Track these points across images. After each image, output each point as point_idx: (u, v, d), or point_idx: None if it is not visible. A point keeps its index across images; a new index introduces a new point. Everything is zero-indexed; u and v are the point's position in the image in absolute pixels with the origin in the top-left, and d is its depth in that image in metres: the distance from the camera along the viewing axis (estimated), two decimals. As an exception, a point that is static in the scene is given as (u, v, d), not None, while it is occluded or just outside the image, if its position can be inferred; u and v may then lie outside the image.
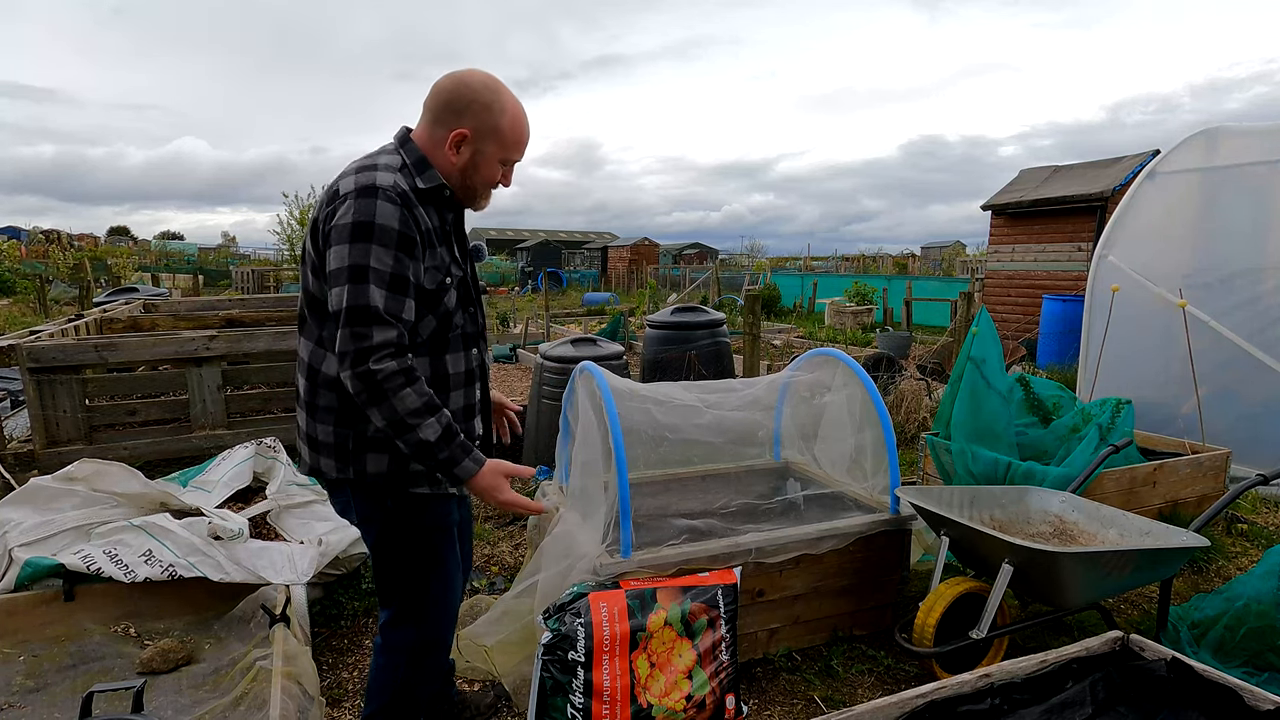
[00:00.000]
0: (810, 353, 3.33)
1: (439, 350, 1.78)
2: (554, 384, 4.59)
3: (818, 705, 2.48)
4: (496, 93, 1.72)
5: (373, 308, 1.56)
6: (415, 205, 1.66)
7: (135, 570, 2.39)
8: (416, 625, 1.89)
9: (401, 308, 1.61)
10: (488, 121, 1.72)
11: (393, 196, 1.61)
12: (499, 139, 1.74)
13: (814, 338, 13.03)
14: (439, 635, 1.95)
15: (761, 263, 37.83)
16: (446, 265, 1.74)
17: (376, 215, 1.58)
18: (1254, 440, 4.52)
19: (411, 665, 1.91)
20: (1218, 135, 5.19)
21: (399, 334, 1.59)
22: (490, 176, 1.79)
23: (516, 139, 1.77)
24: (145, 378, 3.86)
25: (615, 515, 2.41)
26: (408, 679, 1.91)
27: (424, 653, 1.92)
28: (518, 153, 1.80)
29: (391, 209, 1.60)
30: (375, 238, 1.57)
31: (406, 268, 1.61)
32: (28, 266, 22.33)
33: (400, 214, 1.60)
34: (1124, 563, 2.43)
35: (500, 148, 1.75)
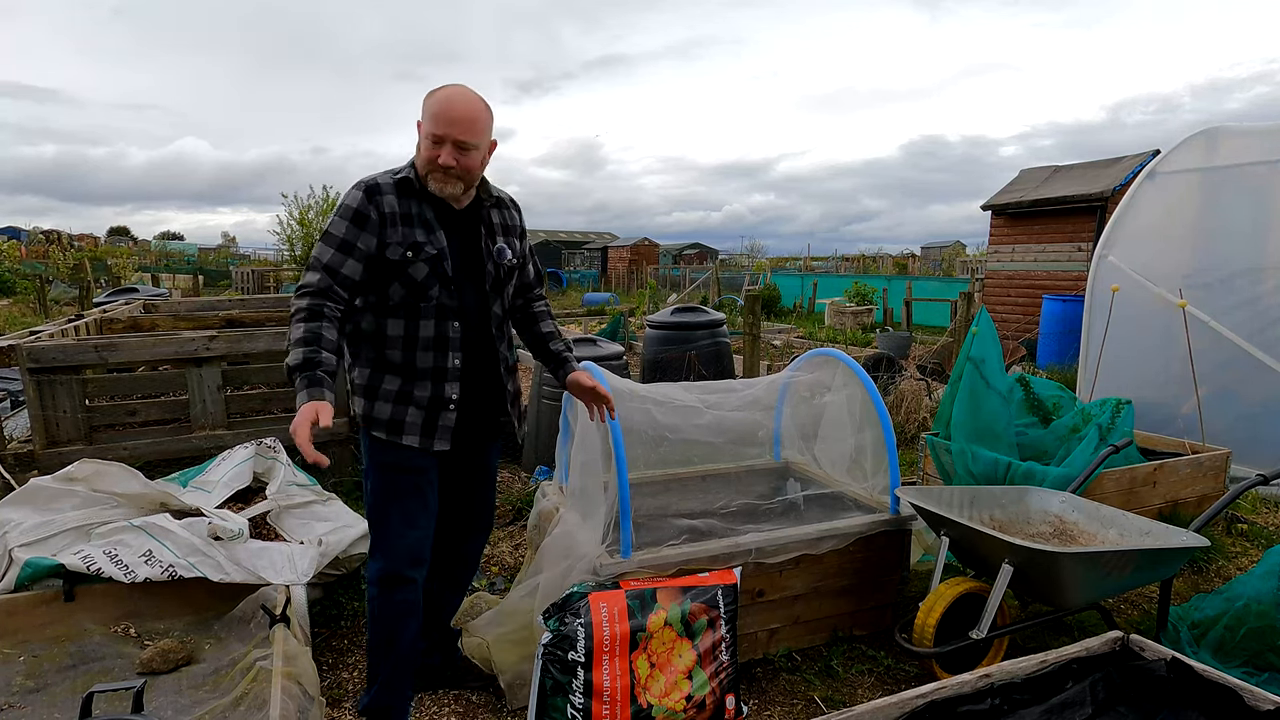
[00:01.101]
0: (810, 353, 3.33)
1: (412, 315, 2.08)
2: (554, 384, 4.59)
3: (818, 705, 2.48)
4: (440, 86, 2.04)
5: (315, 258, 2.02)
6: (383, 193, 2.04)
7: (135, 570, 2.39)
8: (381, 556, 2.15)
9: (340, 264, 1.99)
10: (423, 105, 2.03)
11: (361, 185, 2.05)
12: (426, 115, 2.01)
13: (814, 338, 13.03)
14: (398, 569, 2.13)
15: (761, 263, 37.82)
16: (414, 243, 2.04)
17: (345, 197, 2.06)
18: (1254, 440, 4.52)
19: (379, 597, 2.14)
20: (1218, 135, 5.19)
21: (322, 279, 1.97)
22: (427, 155, 2.02)
23: (434, 111, 1.99)
24: (145, 378, 3.85)
25: (615, 515, 2.41)
26: (378, 612, 2.15)
27: (388, 585, 2.13)
28: (437, 126, 1.98)
29: (356, 193, 2.04)
30: (339, 211, 2.04)
31: (355, 237, 2.00)
32: (28, 267, 22.33)
33: (361, 198, 2.02)
34: (1124, 563, 2.43)
35: (427, 123, 2.00)
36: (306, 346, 1.90)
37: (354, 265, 2.01)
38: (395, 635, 2.15)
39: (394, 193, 2.05)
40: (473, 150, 2.03)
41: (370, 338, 2.12)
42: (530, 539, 3.16)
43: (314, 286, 1.98)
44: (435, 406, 2.12)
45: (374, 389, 2.12)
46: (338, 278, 2.00)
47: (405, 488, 2.14)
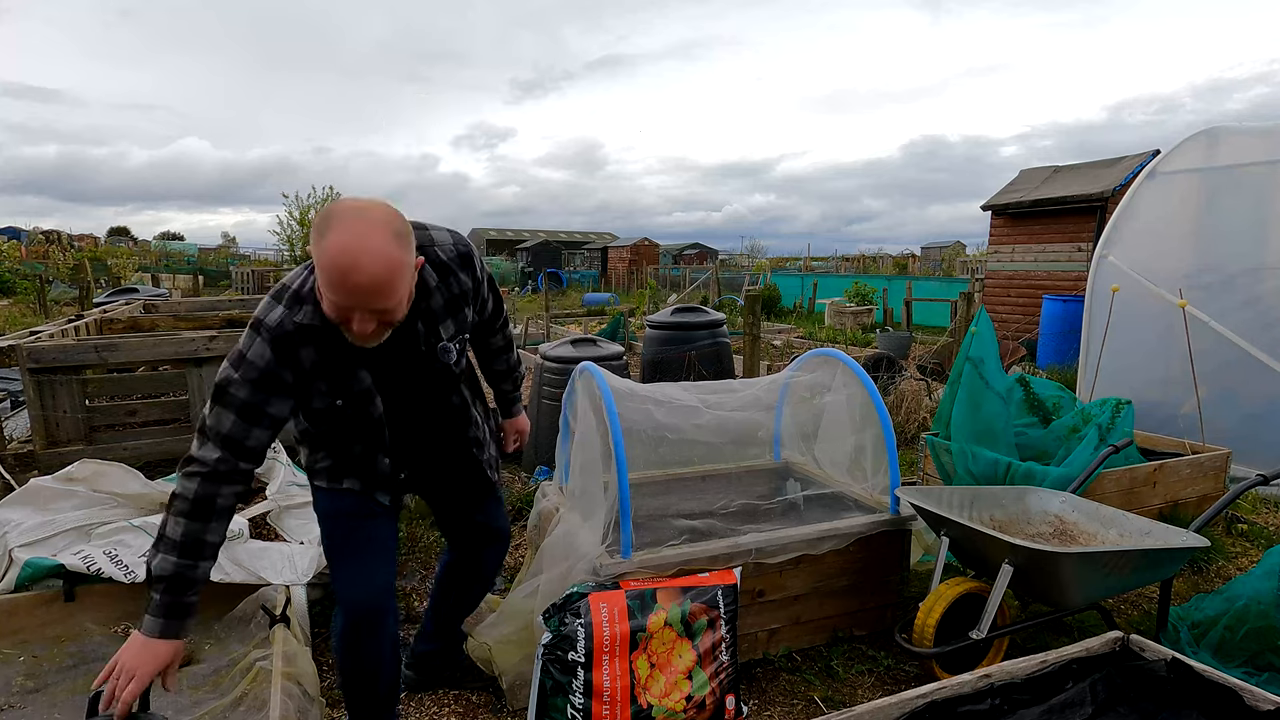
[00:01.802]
0: (810, 353, 3.33)
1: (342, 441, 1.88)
2: (554, 384, 4.59)
3: (818, 705, 2.48)
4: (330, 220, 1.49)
5: (208, 425, 1.63)
6: (299, 345, 1.64)
7: (135, 571, 2.39)
8: (344, 612, 1.92)
9: (245, 436, 1.63)
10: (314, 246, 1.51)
11: (268, 334, 1.63)
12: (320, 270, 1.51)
13: (814, 338, 13.03)
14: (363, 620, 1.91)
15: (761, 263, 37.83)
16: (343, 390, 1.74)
17: (250, 353, 1.63)
18: (1254, 440, 4.52)
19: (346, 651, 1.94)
20: (1218, 135, 5.19)
21: (222, 458, 1.61)
22: (330, 313, 1.55)
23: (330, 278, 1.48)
24: (145, 378, 3.85)
25: (615, 516, 2.41)
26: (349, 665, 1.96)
27: (355, 638, 1.92)
28: (339, 295, 1.49)
29: (262, 349, 1.63)
30: (240, 370, 1.63)
31: (265, 402, 1.64)
32: (28, 267, 22.33)
33: (270, 357, 1.63)
34: (1124, 563, 2.43)
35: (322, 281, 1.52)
36: (181, 557, 1.57)
37: (261, 434, 1.66)
38: (372, 682, 1.99)
39: (311, 342, 1.66)
40: (393, 310, 1.57)
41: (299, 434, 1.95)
42: (530, 539, 3.16)
43: (209, 467, 1.59)
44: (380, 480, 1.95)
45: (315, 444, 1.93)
46: (240, 451, 1.63)
47: (358, 539, 1.93)
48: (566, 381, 2.94)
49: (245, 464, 1.66)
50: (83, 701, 1.59)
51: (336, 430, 1.87)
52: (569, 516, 2.67)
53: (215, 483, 1.61)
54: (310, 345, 1.66)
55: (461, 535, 2.33)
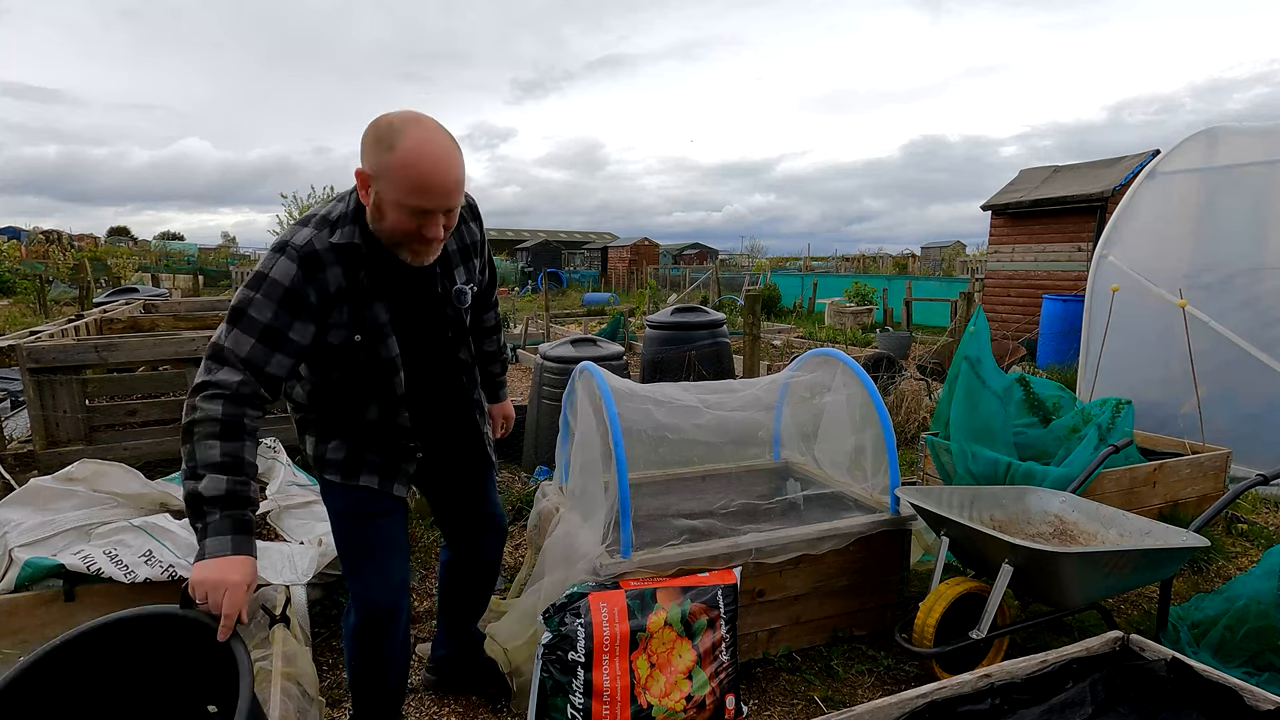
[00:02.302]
0: (810, 353, 3.33)
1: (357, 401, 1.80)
2: (554, 384, 4.60)
3: (818, 705, 2.48)
4: (397, 129, 1.53)
5: (226, 349, 1.55)
6: (325, 266, 1.61)
7: (135, 571, 2.39)
8: (357, 611, 1.90)
9: (265, 361, 1.57)
10: (380, 159, 1.54)
11: (294, 253, 1.59)
12: (396, 181, 1.54)
13: (814, 338, 13.03)
14: (377, 620, 1.89)
15: (761, 263, 37.83)
16: (362, 325, 1.69)
17: (270, 265, 1.59)
18: (1254, 440, 4.52)
19: (358, 651, 1.94)
20: (1218, 135, 5.20)
21: (244, 380, 1.54)
22: (398, 224, 1.59)
23: (414, 181, 1.53)
24: (145, 378, 3.86)
25: (615, 515, 2.41)
26: (360, 663, 1.96)
27: (367, 637, 1.91)
28: (423, 199, 1.55)
29: (287, 265, 1.59)
30: (261, 287, 1.58)
31: (287, 325, 1.59)
32: (28, 267, 22.33)
33: (295, 274, 1.58)
34: (1124, 563, 2.43)
35: (393, 188, 1.55)
36: (230, 475, 1.46)
37: (282, 361, 1.60)
38: (382, 678, 1.99)
39: (338, 263, 1.63)
40: (457, 209, 1.65)
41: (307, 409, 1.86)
42: (530, 539, 3.16)
43: (231, 389, 1.52)
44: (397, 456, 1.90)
45: (326, 428, 1.85)
46: (260, 376, 1.57)
47: (373, 537, 1.88)
48: (566, 381, 2.94)
49: (264, 389, 1.57)
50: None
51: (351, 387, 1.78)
52: (569, 516, 2.67)
53: (239, 404, 1.53)
54: (338, 267, 1.62)
55: (461, 526, 2.31)
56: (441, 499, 2.27)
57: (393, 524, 1.93)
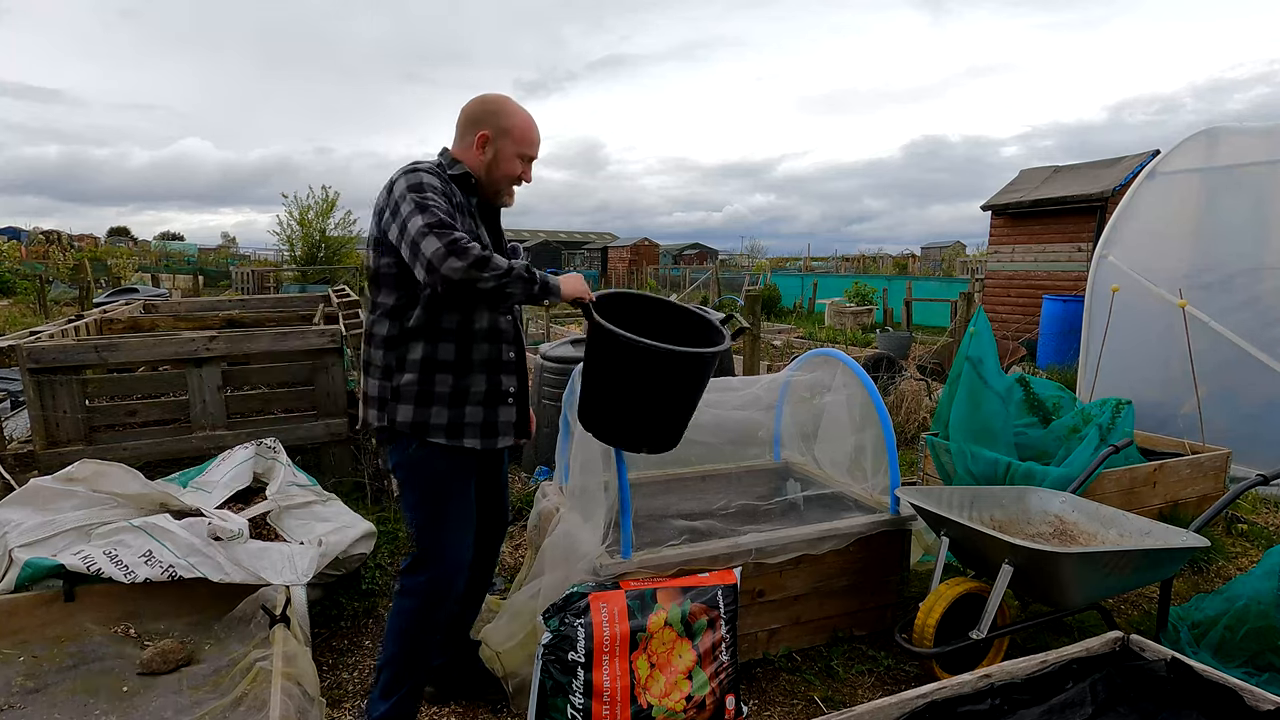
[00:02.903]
0: (810, 353, 3.33)
1: (468, 306, 2.04)
2: (554, 384, 4.59)
3: (818, 706, 2.48)
4: (506, 102, 2.13)
5: (439, 217, 1.85)
6: (448, 181, 2.03)
7: (135, 571, 2.39)
8: (432, 567, 2.10)
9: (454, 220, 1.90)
10: (502, 123, 2.09)
11: (431, 168, 2.03)
12: (512, 136, 2.09)
13: (814, 338, 13.03)
14: (447, 582, 2.12)
15: (761, 263, 37.85)
16: (474, 232, 2.04)
17: (423, 177, 1.97)
18: (1254, 440, 4.52)
19: (421, 610, 2.10)
20: (1218, 135, 5.20)
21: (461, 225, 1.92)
22: (511, 170, 2.12)
23: (526, 136, 2.11)
24: (145, 378, 3.85)
25: (615, 516, 2.41)
26: (414, 625, 2.10)
27: (436, 598, 2.11)
28: (530, 148, 2.12)
29: (432, 175, 1.99)
30: (425, 187, 1.93)
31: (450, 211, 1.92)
32: (28, 267, 22.34)
33: (440, 178, 2.00)
34: (1124, 563, 2.43)
35: (514, 143, 2.10)
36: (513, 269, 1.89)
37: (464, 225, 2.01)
38: (425, 649, 2.13)
39: (456, 184, 2.07)
40: None
41: (419, 333, 2.03)
42: (530, 539, 3.16)
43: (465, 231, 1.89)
44: (493, 401, 2.11)
45: (426, 393, 2.03)
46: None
47: (458, 495, 2.12)
48: (566, 381, 2.94)
49: None
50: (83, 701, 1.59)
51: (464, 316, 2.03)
52: (569, 516, 2.67)
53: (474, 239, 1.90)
54: (453, 185, 2.04)
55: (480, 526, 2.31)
56: None
57: (471, 490, 2.17)
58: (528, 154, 2.13)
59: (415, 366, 2.02)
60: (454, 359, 2.04)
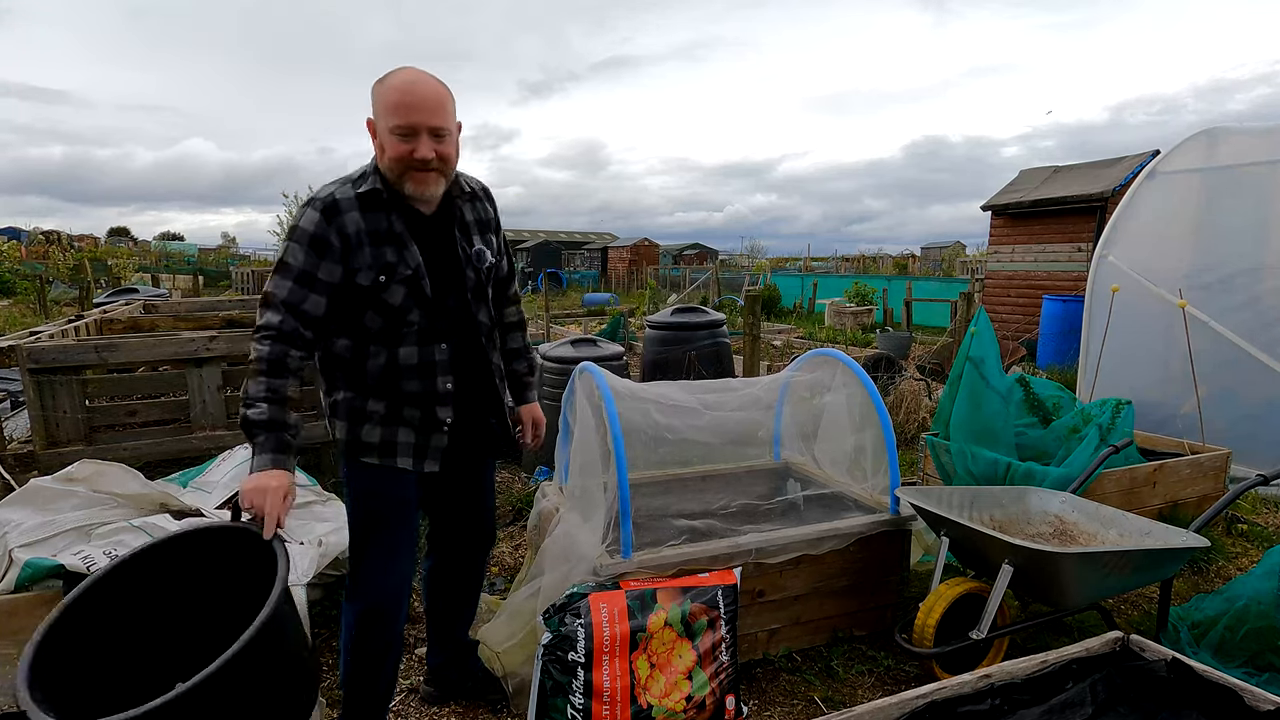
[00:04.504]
0: (810, 353, 3.33)
1: (393, 342, 1.89)
2: (554, 384, 4.60)
3: (818, 706, 2.48)
4: (386, 76, 1.81)
5: (270, 294, 1.78)
6: (343, 211, 1.80)
7: (135, 571, 2.38)
8: (361, 597, 1.98)
9: (302, 300, 1.78)
10: (375, 99, 1.81)
11: (317, 203, 1.80)
12: (383, 108, 1.78)
13: (814, 338, 13.03)
14: (379, 606, 1.99)
15: (761, 263, 37.85)
16: (386, 265, 1.83)
17: (299, 218, 1.82)
18: (1254, 440, 4.52)
19: (357, 639, 2.00)
20: (1218, 135, 5.20)
21: (284, 320, 1.76)
22: (396, 152, 1.78)
23: (393, 105, 1.76)
24: (145, 378, 3.85)
25: (615, 516, 2.41)
26: (356, 653, 2.02)
27: (368, 626, 1.99)
28: (405, 115, 1.76)
29: (312, 214, 1.79)
30: (293, 235, 1.80)
31: (315, 267, 1.78)
32: (28, 267, 22.33)
33: (318, 220, 1.78)
34: (1124, 563, 2.43)
35: (383, 118, 1.78)
36: (272, 405, 1.70)
37: (317, 300, 1.79)
38: (375, 674, 2.04)
39: (357, 209, 1.81)
40: (447, 137, 1.82)
41: (347, 363, 1.92)
42: (530, 539, 3.16)
43: (275, 329, 1.75)
44: (426, 429, 1.96)
45: (358, 411, 1.92)
46: (301, 317, 1.78)
47: (392, 519, 1.98)
48: (566, 382, 2.94)
49: (304, 329, 1.78)
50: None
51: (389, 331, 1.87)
52: (569, 516, 2.67)
53: (284, 343, 1.75)
54: (356, 213, 1.81)
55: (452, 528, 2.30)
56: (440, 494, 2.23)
57: (410, 518, 2.02)
58: (400, 124, 1.75)
59: (347, 387, 1.93)
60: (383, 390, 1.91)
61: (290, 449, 1.73)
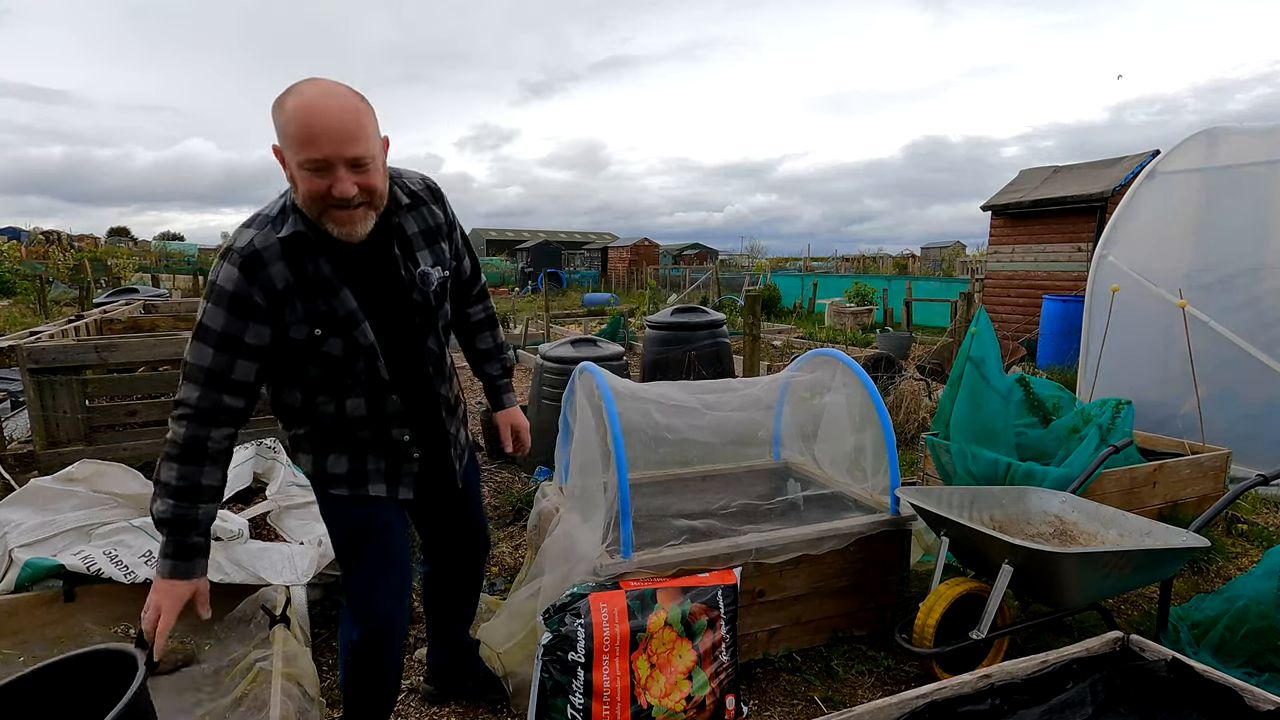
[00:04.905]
0: (810, 353, 3.33)
1: (338, 393, 1.74)
2: (554, 384, 4.60)
3: (818, 706, 2.48)
4: (284, 99, 1.50)
5: (189, 364, 1.59)
6: (267, 264, 1.58)
7: (135, 571, 2.39)
8: (357, 624, 1.89)
9: (228, 368, 1.59)
10: (276, 126, 1.52)
11: (235, 256, 1.58)
12: (286, 140, 1.51)
13: (814, 338, 13.03)
14: (374, 631, 1.88)
15: (761, 263, 37.85)
16: (320, 316, 1.64)
17: (219, 278, 1.59)
18: (1254, 440, 4.52)
19: (354, 663, 1.93)
20: (1218, 135, 5.20)
21: (203, 395, 1.57)
22: (312, 190, 1.52)
23: (299, 130, 1.47)
24: (145, 378, 3.85)
25: (615, 516, 2.41)
26: (354, 673, 1.95)
27: (363, 647, 1.89)
28: (312, 149, 1.47)
29: (230, 271, 1.58)
30: (210, 296, 1.59)
31: (240, 330, 1.58)
32: (28, 267, 22.33)
33: (238, 278, 1.57)
34: (1124, 563, 2.43)
35: (290, 149, 1.50)
36: (180, 501, 1.55)
37: (245, 366, 1.60)
38: (373, 691, 1.98)
39: (281, 259, 1.59)
40: (370, 164, 1.54)
41: (299, 411, 1.78)
42: (530, 539, 3.16)
43: (192, 409, 1.56)
44: (396, 459, 1.86)
45: (322, 443, 1.81)
46: (226, 386, 1.59)
47: (374, 547, 1.86)
48: (566, 382, 2.94)
49: (232, 399, 1.59)
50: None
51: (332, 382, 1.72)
52: (569, 516, 2.67)
53: (203, 425, 1.57)
54: (282, 263, 1.59)
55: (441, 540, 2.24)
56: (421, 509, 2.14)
57: (395, 539, 1.89)
58: (308, 159, 1.48)
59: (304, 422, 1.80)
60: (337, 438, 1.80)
61: (198, 552, 1.58)
